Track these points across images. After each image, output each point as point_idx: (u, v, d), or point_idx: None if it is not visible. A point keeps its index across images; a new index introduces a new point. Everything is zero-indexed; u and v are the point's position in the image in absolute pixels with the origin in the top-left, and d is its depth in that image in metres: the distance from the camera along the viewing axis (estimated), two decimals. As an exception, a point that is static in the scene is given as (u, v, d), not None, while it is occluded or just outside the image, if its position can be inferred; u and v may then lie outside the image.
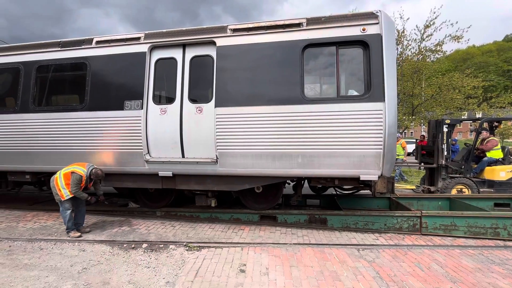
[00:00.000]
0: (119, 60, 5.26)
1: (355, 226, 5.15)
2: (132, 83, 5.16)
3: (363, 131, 4.36)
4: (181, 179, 5.25)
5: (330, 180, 5.00)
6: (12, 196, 7.96)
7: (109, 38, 5.44)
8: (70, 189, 4.54)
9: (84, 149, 5.33)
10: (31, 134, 5.54)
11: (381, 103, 4.29)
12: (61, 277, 3.33)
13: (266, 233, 4.93)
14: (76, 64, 5.50)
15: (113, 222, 5.43)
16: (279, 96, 4.63)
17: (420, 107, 14.46)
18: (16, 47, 5.91)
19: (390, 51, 4.47)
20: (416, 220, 4.98)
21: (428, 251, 4.16)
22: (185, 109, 5.03)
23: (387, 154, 4.33)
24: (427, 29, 13.54)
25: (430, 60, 14.49)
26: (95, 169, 4.76)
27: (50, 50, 5.63)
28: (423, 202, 6.53)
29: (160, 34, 5.22)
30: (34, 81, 5.62)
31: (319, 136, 4.49)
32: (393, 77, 4.43)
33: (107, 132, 5.21)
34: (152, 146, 5.12)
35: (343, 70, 4.77)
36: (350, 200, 6.54)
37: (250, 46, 4.81)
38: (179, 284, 3.17)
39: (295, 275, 3.37)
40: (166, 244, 4.32)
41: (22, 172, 5.86)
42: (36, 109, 5.56)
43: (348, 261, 3.79)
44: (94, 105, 5.28)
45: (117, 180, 5.51)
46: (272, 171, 4.73)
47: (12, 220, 5.59)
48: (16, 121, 5.62)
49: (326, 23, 4.62)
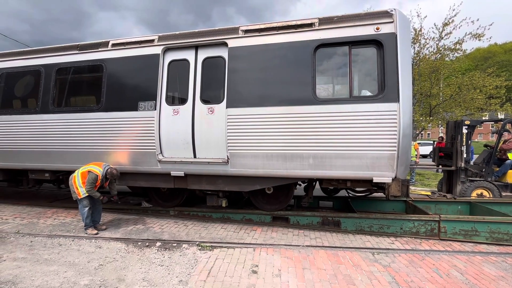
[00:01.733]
0: (134, 62, 5.38)
1: (369, 229, 5.04)
2: (146, 84, 5.26)
3: (376, 132, 4.26)
4: (193, 179, 5.31)
5: (342, 182, 4.92)
6: (33, 193, 8.30)
7: (124, 40, 5.57)
8: (86, 187, 4.68)
9: (100, 149, 5.48)
10: (50, 134, 5.75)
11: (395, 103, 4.19)
12: (79, 273, 3.43)
13: (278, 234, 4.90)
14: (93, 66, 5.67)
15: (128, 220, 5.55)
16: (291, 96, 4.60)
17: (438, 108, 13.98)
18: (37, 51, 6.16)
19: (405, 50, 4.35)
20: (434, 225, 4.81)
21: (447, 257, 4.00)
22: (197, 110, 5.08)
23: (402, 156, 4.21)
24: (446, 27, 13.08)
25: (449, 59, 14.01)
26: (111, 169, 4.88)
27: (69, 53, 5.83)
28: (442, 206, 6.31)
29: (173, 36, 5.30)
30: (53, 83, 5.84)
31: (331, 137, 4.42)
32: (408, 77, 4.32)
33: (122, 132, 5.34)
34: (165, 146, 5.20)
35: (356, 70, 4.69)
36: (364, 202, 6.41)
37: (261, 47, 4.81)
38: (192, 283, 3.20)
39: (307, 278, 3.33)
40: (179, 243, 4.37)
41: (42, 170, 6.09)
42: (55, 109, 5.77)
43: (363, 265, 3.70)
44: (110, 106, 5.42)
45: (131, 179, 5.63)
46: (283, 172, 4.69)
47: (33, 216, 5.82)
48: (37, 121, 5.85)
49: (339, 22, 4.55)
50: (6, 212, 6.08)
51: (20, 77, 6.19)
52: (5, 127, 6.05)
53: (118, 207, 6.38)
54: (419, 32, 13.25)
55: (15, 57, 6.23)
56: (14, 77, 6.21)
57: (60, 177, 6.21)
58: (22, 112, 6.04)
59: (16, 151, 5.99)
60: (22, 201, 7.13)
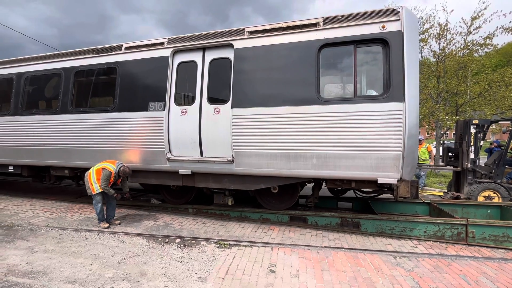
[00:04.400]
0: (145, 64, 5.59)
1: (391, 231, 4.88)
2: (156, 85, 5.44)
3: (381, 132, 4.18)
4: (200, 177, 5.44)
5: (346, 182, 4.86)
6: (61, 189, 8.76)
7: (136, 44, 5.79)
8: (100, 183, 4.93)
9: (113, 147, 5.73)
10: (69, 133, 6.09)
11: (400, 103, 4.10)
12: (103, 266, 3.58)
13: (296, 234, 4.86)
14: (108, 68, 5.94)
15: (148, 217, 5.72)
16: (294, 96, 4.60)
17: (465, 106, 13.27)
18: (58, 55, 6.55)
19: (412, 48, 4.25)
20: (462, 229, 4.58)
21: (475, 263, 3.79)
22: (204, 110, 5.19)
23: (407, 156, 4.11)
24: (474, 21, 12.37)
25: (478, 54, 13.23)
26: (123, 167, 5.12)
27: (86, 57, 6.15)
28: (469, 209, 5.99)
29: (182, 38, 5.45)
30: (72, 85, 6.18)
31: (335, 137, 4.39)
32: (415, 76, 4.23)
33: (134, 131, 5.56)
34: (173, 145, 5.36)
35: (361, 69, 4.61)
36: (385, 204, 6.22)
37: (266, 48, 4.85)
38: (211, 280, 3.24)
39: (326, 279, 3.27)
40: (197, 240, 4.45)
41: (62, 167, 6.47)
42: (73, 110, 6.10)
43: (384, 268, 3.59)
44: (122, 107, 5.66)
45: (143, 176, 5.86)
46: (287, 171, 4.70)
47: (61, 211, 6.14)
48: (57, 121, 6.20)
49: (344, 21, 4.50)
50: (37, 206, 6.46)
51: (43, 79, 6.61)
52: (30, 127, 6.47)
53: (140, 204, 6.60)
54: (445, 27, 12.63)
55: (38, 61, 6.64)
56: (37, 79, 6.63)
57: (78, 173, 6.58)
58: (44, 113, 6.45)
59: (39, 149, 6.39)
60: (51, 196, 7.55)
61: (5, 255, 3.84)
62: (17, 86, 6.71)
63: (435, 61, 13.52)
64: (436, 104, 12.85)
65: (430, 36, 12.96)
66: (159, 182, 5.79)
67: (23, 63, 6.78)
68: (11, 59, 7.05)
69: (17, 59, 6.94)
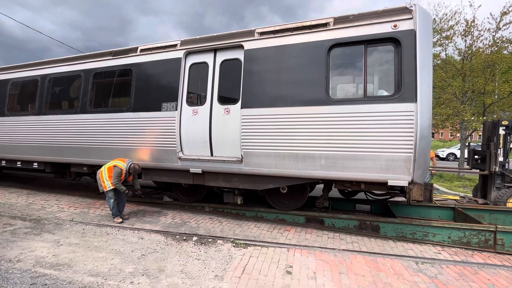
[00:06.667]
0: (159, 65, 5.73)
1: (412, 236, 4.71)
2: (169, 86, 5.57)
3: (391, 133, 4.07)
4: (210, 176, 5.52)
5: (355, 184, 4.76)
6: (84, 185, 9.12)
7: (151, 46, 5.94)
8: (111, 181, 5.11)
9: (129, 146, 5.92)
10: (87, 132, 6.35)
11: (412, 103, 3.97)
12: (124, 261, 3.68)
13: (313, 236, 4.79)
14: (124, 70, 6.15)
15: (166, 214, 5.84)
16: (303, 97, 4.56)
17: (493, 106, 12.58)
18: (79, 57, 6.84)
19: (425, 47, 4.10)
20: (489, 235, 4.35)
21: (505, 273, 3.58)
22: (214, 110, 5.26)
23: (419, 158, 3.98)
24: (504, 16, 11.71)
25: (508, 51, 12.50)
26: (134, 164, 5.29)
27: (104, 59, 6.39)
28: (498, 215, 5.67)
29: (194, 40, 5.54)
30: (91, 86, 6.44)
31: (344, 138, 4.31)
32: (428, 76, 4.08)
33: (148, 131, 5.72)
34: (185, 145, 5.48)
35: (371, 69, 4.51)
36: (405, 208, 6.01)
37: (276, 49, 4.84)
38: (227, 278, 3.26)
39: (344, 283, 3.20)
40: (214, 239, 4.48)
41: (81, 164, 6.77)
42: (92, 110, 6.36)
43: (405, 274, 3.46)
44: (137, 107, 5.84)
45: (156, 174, 6.03)
46: (295, 172, 4.68)
47: (85, 206, 6.39)
48: (77, 120, 6.49)
49: (354, 21, 4.41)
50: (62, 202, 6.76)
51: (65, 81, 6.94)
52: (53, 125, 6.81)
53: (158, 201, 6.76)
54: (472, 23, 12.03)
55: (61, 63, 6.98)
56: (60, 81, 6.98)
57: (96, 170, 6.81)
58: (65, 112, 6.77)
59: (61, 147, 6.71)
60: (75, 192, 7.88)
61: (33, 247, 4.05)
62: (41, 87, 7.09)
63: (460, 59, 12.91)
64: (461, 104, 12.27)
65: (455, 33, 12.40)
66: (171, 180, 5.94)
67: (47, 66, 7.15)
68: (36, 61, 7.45)
69: (42, 62, 7.33)
